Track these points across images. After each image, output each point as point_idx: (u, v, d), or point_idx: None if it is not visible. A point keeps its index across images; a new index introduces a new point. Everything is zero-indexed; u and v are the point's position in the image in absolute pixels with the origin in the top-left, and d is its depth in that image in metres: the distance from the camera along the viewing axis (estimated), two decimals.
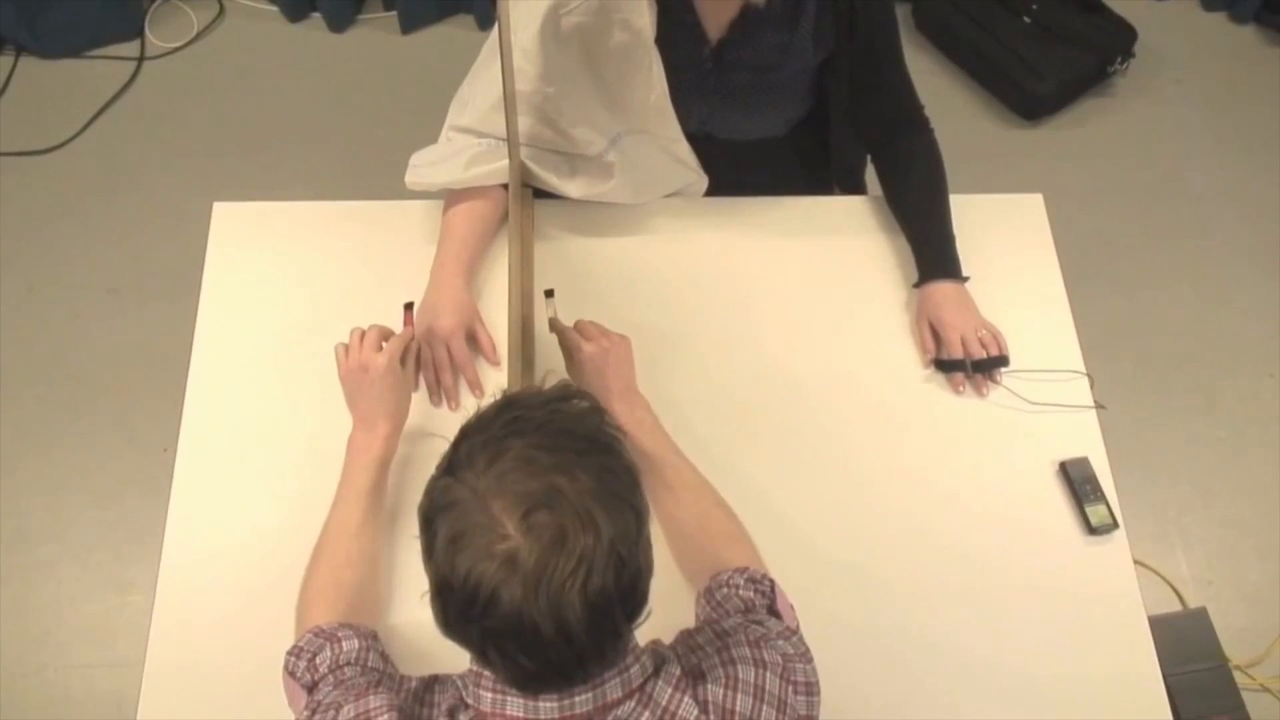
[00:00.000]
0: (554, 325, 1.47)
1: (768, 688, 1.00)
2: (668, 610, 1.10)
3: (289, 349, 1.54)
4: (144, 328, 2.54)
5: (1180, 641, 2.11)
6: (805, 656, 1.07)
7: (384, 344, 1.37)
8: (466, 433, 0.90)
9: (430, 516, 0.88)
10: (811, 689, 1.04)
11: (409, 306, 1.48)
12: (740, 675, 1.00)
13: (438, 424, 1.47)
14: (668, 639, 1.10)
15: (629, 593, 0.87)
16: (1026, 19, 2.97)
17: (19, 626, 2.21)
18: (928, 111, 1.68)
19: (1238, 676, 2.14)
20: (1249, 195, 2.88)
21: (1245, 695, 2.10)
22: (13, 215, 2.73)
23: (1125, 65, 3.00)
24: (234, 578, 1.37)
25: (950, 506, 1.46)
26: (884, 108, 1.67)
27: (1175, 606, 2.29)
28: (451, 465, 0.88)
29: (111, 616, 2.23)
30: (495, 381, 1.51)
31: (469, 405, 1.50)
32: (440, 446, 0.92)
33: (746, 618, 1.11)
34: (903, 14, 3.02)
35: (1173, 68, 3.11)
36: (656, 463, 1.34)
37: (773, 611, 1.15)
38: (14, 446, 2.41)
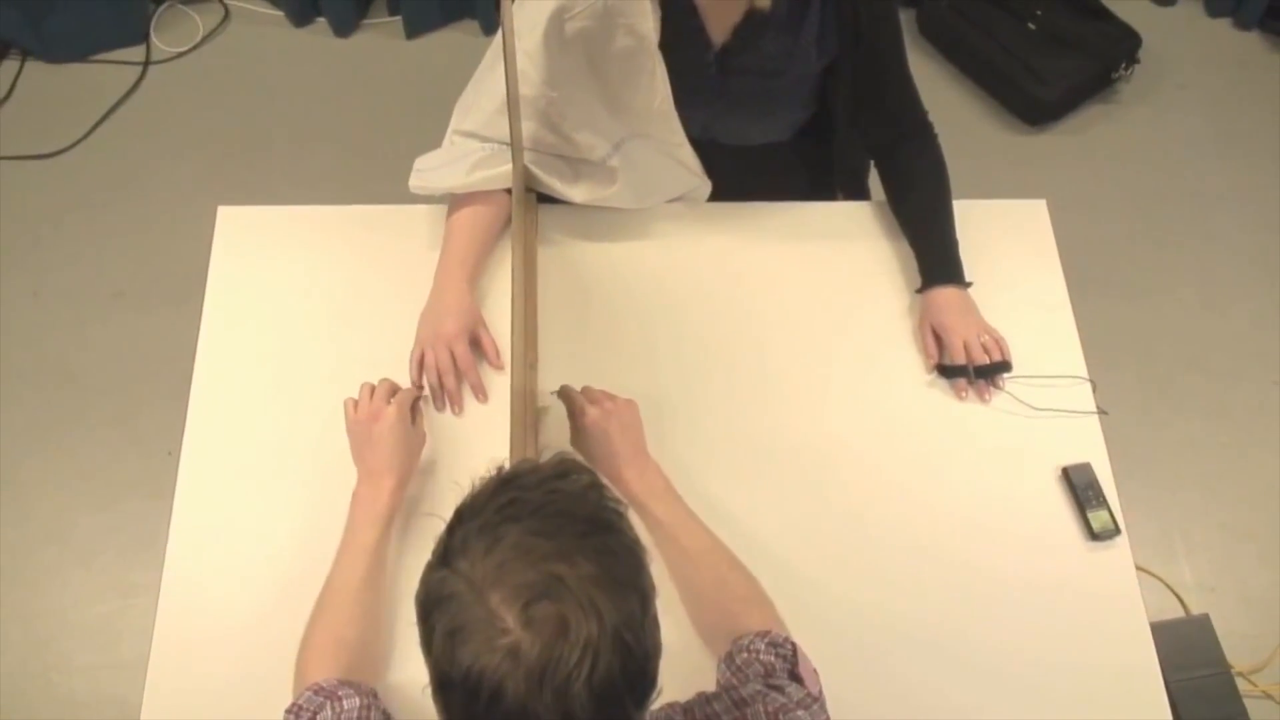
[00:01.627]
0: (561, 393, 1.44)
1: None
2: (684, 671, 1.07)
3: (293, 352, 1.54)
4: (149, 331, 2.54)
5: (1182, 647, 2.10)
6: None
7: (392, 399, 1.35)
8: (461, 516, 0.86)
9: (427, 609, 0.84)
10: None
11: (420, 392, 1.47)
12: None
13: (444, 431, 1.48)
14: (683, 698, 1.08)
15: (637, 678, 0.83)
16: (1031, 24, 2.97)
17: (23, 629, 2.22)
18: (931, 117, 1.68)
19: (1240, 683, 2.14)
20: (1253, 201, 2.87)
21: (1247, 702, 2.09)
22: (18, 219, 2.74)
23: (1130, 71, 2.99)
24: (237, 581, 1.37)
25: (952, 512, 1.46)
26: (888, 113, 1.67)
27: (1178, 612, 2.28)
28: (447, 553, 0.84)
29: (115, 619, 2.23)
30: (498, 385, 1.51)
31: (471, 409, 1.50)
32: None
33: (766, 683, 1.08)
34: (906, 19, 3.02)
35: (1177, 74, 3.10)
36: (670, 529, 1.31)
37: (794, 675, 1.11)
38: (18, 449, 2.41)
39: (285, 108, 2.98)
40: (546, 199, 1.65)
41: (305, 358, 1.53)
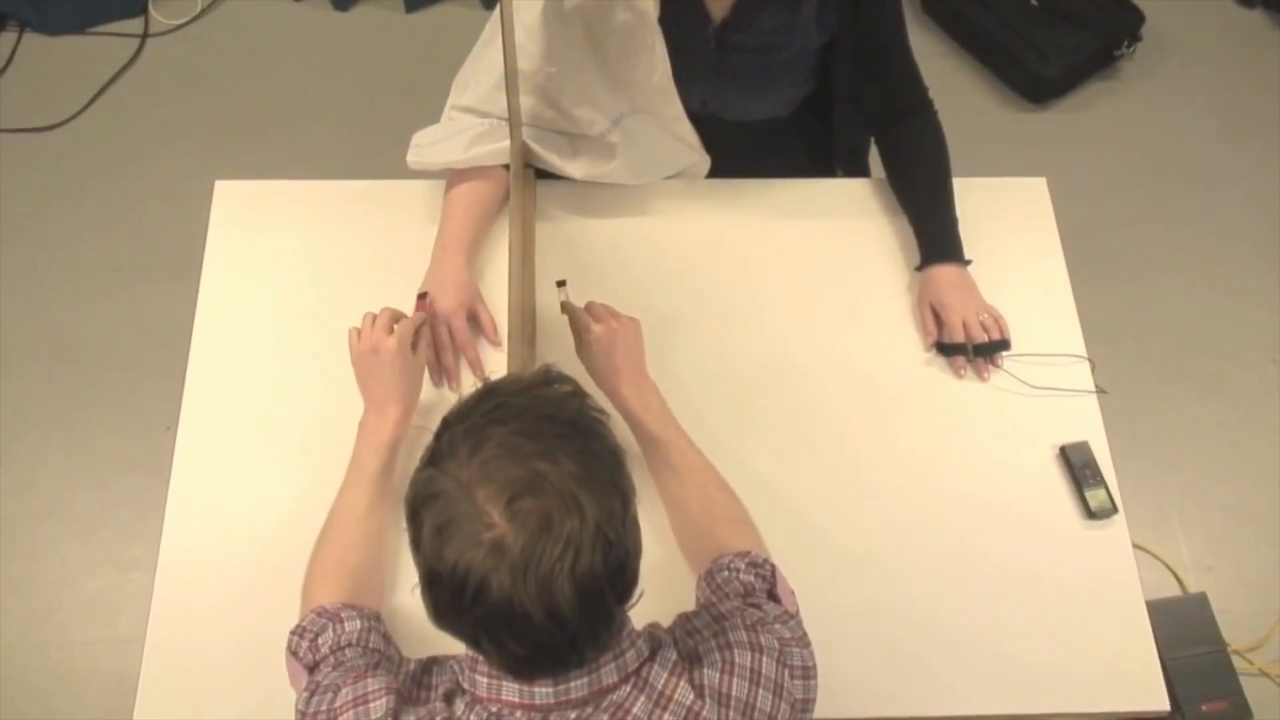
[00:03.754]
0: (565, 307, 1.46)
1: (764, 672, 1.00)
2: (667, 593, 1.10)
3: (290, 328, 1.54)
4: (147, 306, 2.54)
5: (1179, 626, 2.11)
6: (803, 640, 1.07)
7: (395, 327, 1.36)
8: (448, 423, 0.90)
9: (416, 508, 0.88)
10: (808, 673, 1.04)
11: (423, 297, 1.48)
12: (737, 659, 1.00)
13: (445, 408, 1.48)
14: (666, 622, 1.10)
15: (618, 574, 0.87)
16: (1033, 1, 2.95)
17: (22, 603, 2.23)
18: (932, 93, 1.67)
19: (1236, 661, 2.15)
20: (1254, 180, 2.86)
21: (1243, 680, 2.11)
22: (16, 192, 2.73)
23: (1132, 48, 2.98)
24: (234, 556, 1.37)
25: (949, 490, 1.46)
26: (888, 90, 1.66)
27: (1175, 591, 2.29)
28: (435, 456, 0.89)
29: (114, 594, 2.24)
30: (496, 361, 1.51)
31: (470, 386, 1.49)
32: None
33: (745, 601, 1.11)
34: None
35: (1180, 51, 3.09)
36: (662, 446, 1.34)
37: (772, 596, 1.15)
38: (17, 424, 2.42)
39: (284, 81, 2.96)
40: (545, 175, 1.64)
41: (302, 332, 1.53)
